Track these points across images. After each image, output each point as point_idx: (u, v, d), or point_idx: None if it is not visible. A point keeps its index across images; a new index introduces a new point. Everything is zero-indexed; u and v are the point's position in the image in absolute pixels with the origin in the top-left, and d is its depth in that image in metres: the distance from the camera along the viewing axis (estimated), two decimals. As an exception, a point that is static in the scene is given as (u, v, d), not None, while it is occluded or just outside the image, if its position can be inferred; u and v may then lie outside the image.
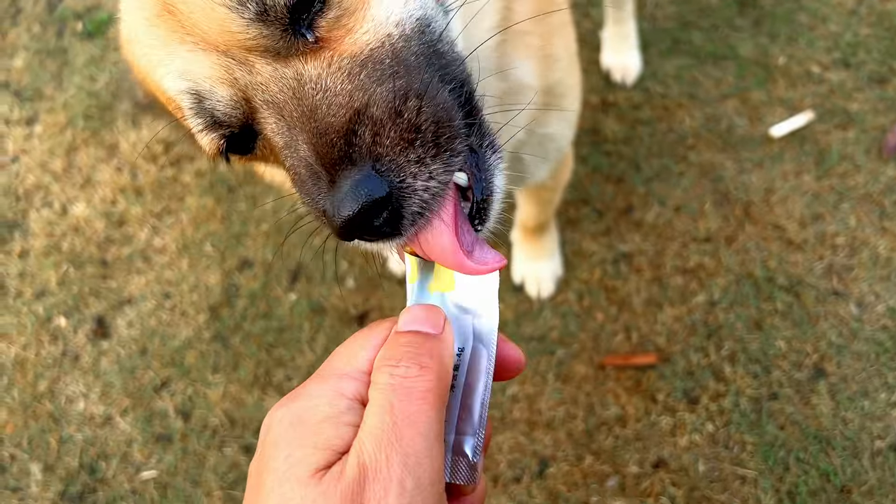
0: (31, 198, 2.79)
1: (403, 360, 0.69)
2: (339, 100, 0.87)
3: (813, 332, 2.33)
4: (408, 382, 0.67)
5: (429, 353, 0.70)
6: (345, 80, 0.88)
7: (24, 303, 2.58)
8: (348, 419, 0.67)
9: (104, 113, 2.95)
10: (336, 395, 0.69)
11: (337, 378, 0.71)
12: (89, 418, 2.37)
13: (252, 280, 2.56)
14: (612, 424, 2.25)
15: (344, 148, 0.83)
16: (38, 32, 3.23)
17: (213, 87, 0.93)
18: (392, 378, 0.67)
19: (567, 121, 1.59)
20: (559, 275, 2.49)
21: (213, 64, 0.92)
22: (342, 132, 0.84)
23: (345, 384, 0.70)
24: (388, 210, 0.80)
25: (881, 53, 2.83)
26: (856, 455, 2.15)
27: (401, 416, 0.64)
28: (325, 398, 0.69)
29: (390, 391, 0.66)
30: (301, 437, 0.66)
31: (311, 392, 0.70)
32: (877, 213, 2.51)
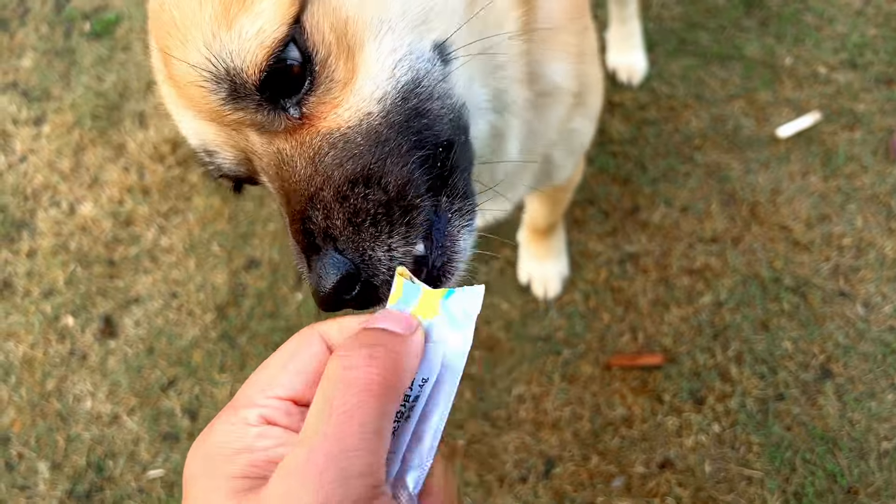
0: (39, 197, 2.80)
1: (354, 349, 0.64)
2: (301, 184, 0.90)
3: (819, 333, 2.33)
4: (352, 373, 0.62)
5: (384, 347, 0.65)
6: (308, 163, 0.90)
7: (32, 302, 2.59)
8: (263, 444, 0.64)
9: (111, 113, 2.97)
10: (242, 426, 0.66)
11: (244, 408, 0.67)
12: (96, 417, 2.38)
13: (259, 280, 2.57)
14: (618, 425, 2.25)
15: (306, 233, 0.88)
16: (46, 33, 3.24)
17: (220, 149, 0.98)
18: (339, 368, 0.63)
19: (590, 117, 1.59)
20: (566, 275, 2.49)
21: (216, 131, 0.96)
22: (301, 217, 0.88)
23: (248, 414, 0.66)
24: (359, 283, 0.84)
25: (888, 54, 2.82)
26: (862, 456, 2.14)
27: (338, 408, 0.60)
28: (233, 432, 0.65)
29: (334, 382, 0.62)
30: (213, 472, 0.63)
31: (219, 427, 0.67)
32: (884, 213, 2.51)
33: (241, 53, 0.86)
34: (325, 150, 0.90)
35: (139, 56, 3.11)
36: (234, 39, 0.86)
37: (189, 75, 0.89)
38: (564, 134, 1.50)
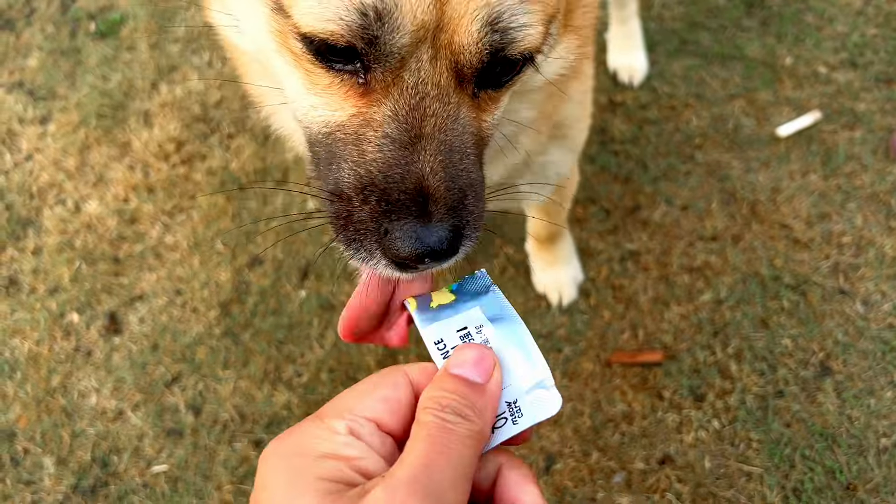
0: (45, 195, 2.82)
1: (449, 407, 0.71)
2: (467, 164, 0.99)
3: (819, 331, 2.34)
4: (450, 425, 0.69)
5: (472, 406, 0.72)
6: (475, 147, 1.02)
7: (38, 299, 2.61)
8: (349, 452, 0.69)
9: (117, 112, 2.99)
10: (330, 432, 0.71)
11: (332, 419, 0.72)
12: (101, 413, 2.40)
13: (262, 277, 2.59)
14: (618, 421, 2.27)
15: (458, 200, 0.96)
16: (52, 32, 3.26)
17: (407, 28, 0.90)
18: (435, 418, 0.70)
19: (569, 149, 1.66)
20: (580, 279, 2.48)
21: (427, 19, 0.91)
22: (460, 190, 0.97)
23: (337, 423, 0.71)
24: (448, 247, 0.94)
25: (888, 54, 2.84)
26: (861, 453, 2.16)
27: (437, 447, 0.67)
28: (320, 436, 0.70)
29: (432, 427, 0.69)
30: (300, 469, 0.67)
31: (305, 430, 0.72)
32: (883, 212, 2.52)
33: None
34: (473, 148, 1.03)
35: (144, 55, 3.13)
36: None
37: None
38: (537, 165, 1.53)
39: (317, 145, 1.07)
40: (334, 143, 1.02)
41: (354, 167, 0.97)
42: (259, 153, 2.84)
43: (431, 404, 0.71)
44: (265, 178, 2.77)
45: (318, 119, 1.04)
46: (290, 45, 1.00)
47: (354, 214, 0.97)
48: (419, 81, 0.95)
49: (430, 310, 0.89)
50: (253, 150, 2.84)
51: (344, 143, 1.00)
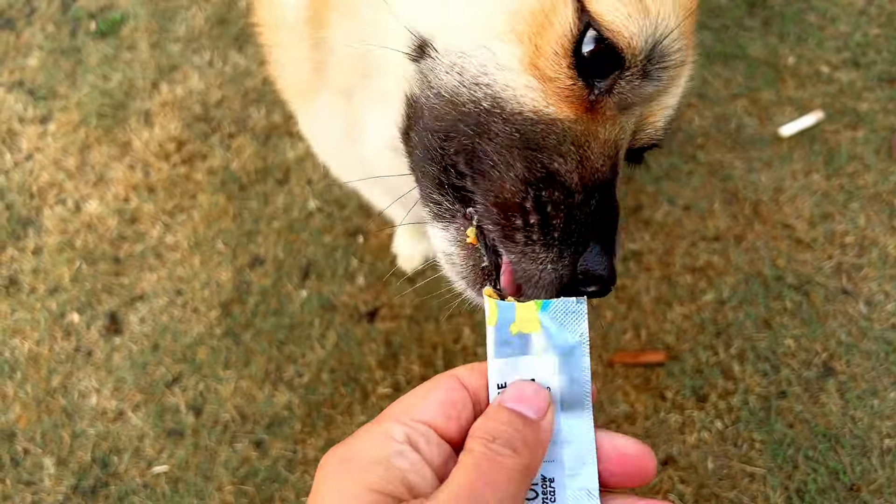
0: (45, 195, 2.82)
1: (499, 440, 0.69)
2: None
3: (822, 331, 2.34)
4: (499, 458, 0.68)
5: (524, 441, 0.70)
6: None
7: (38, 299, 2.61)
8: (400, 463, 0.67)
9: (117, 111, 2.98)
10: (385, 438, 0.69)
11: (388, 422, 0.71)
12: (102, 413, 2.39)
13: (263, 277, 2.58)
14: (620, 422, 2.26)
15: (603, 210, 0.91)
16: (52, 32, 3.26)
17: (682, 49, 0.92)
18: (484, 448, 0.68)
19: None
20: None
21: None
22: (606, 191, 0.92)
23: (395, 429, 0.70)
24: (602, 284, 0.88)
25: (891, 53, 2.83)
26: (865, 453, 2.15)
27: (484, 477, 0.66)
28: (376, 440, 0.69)
29: (481, 457, 0.67)
30: (350, 475, 0.66)
31: (361, 435, 0.71)
32: (886, 212, 2.51)
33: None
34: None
35: (145, 55, 3.12)
36: None
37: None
38: None
39: (484, 118, 0.92)
40: (539, 135, 0.89)
41: (578, 167, 0.89)
42: (260, 153, 2.83)
43: (482, 434, 0.70)
44: (266, 177, 2.76)
45: (528, 101, 0.90)
46: (557, 18, 0.88)
47: (576, 210, 0.87)
48: (624, 128, 0.95)
49: (508, 332, 0.78)
50: (254, 150, 2.83)
51: (559, 140, 0.89)
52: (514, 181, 0.87)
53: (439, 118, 0.95)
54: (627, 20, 0.85)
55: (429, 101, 0.97)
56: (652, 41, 0.88)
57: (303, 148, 2.82)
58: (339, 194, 2.71)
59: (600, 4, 0.85)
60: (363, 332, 2.45)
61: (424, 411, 0.72)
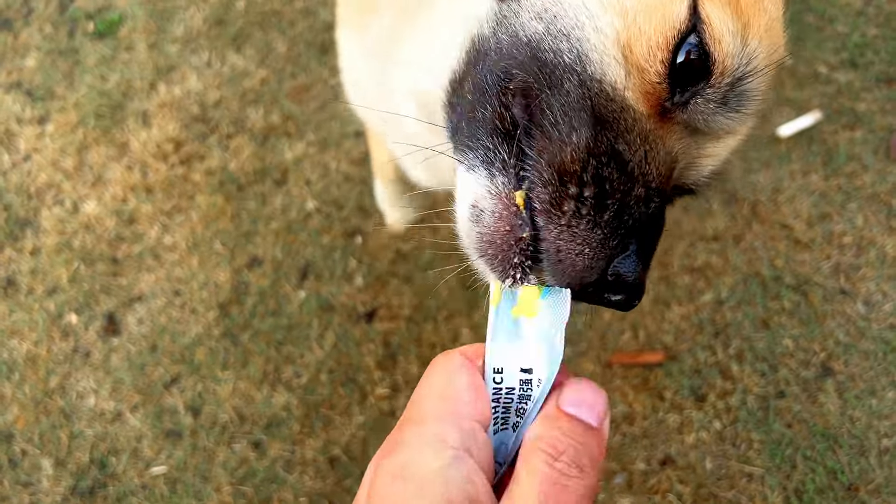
0: (43, 196, 2.81)
1: (566, 454, 0.64)
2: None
3: (820, 331, 2.34)
4: (565, 480, 0.62)
5: (589, 455, 0.65)
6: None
7: (36, 300, 2.60)
8: (456, 473, 0.61)
9: (115, 112, 2.98)
10: (439, 443, 0.62)
11: (435, 422, 0.64)
12: (100, 414, 2.39)
13: (261, 278, 2.58)
14: (619, 422, 2.26)
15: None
16: (50, 32, 3.25)
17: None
18: (549, 469, 0.62)
19: None
20: None
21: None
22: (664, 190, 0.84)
23: (447, 431, 0.63)
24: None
25: (889, 54, 2.83)
26: (863, 453, 2.15)
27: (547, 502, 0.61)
28: (428, 448, 0.62)
29: (546, 481, 0.62)
30: (406, 495, 0.60)
31: (410, 441, 0.64)
32: (884, 212, 2.52)
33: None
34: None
35: (142, 55, 3.12)
36: None
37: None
38: None
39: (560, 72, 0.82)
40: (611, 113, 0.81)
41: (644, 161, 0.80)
42: (258, 153, 2.83)
43: (545, 446, 0.64)
44: (264, 178, 2.76)
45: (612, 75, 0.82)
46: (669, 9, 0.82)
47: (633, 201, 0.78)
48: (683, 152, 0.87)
49: (509, 315, 0.75)
50: (252, 151, 2.83)
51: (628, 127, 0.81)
52: (577, 146, 0.77)
53: (509, 56, 0.85)
54: (731, 37, 0.82)
55: (499, 43, 0.86)
56: (743, 68, 0.83)
57: (300, 149, 2.82)
58: (338, 195, 2.71)
59: (713, 12, 0.81)
60: (361, 332, 2.45)
61: (464, 404, 0.66)
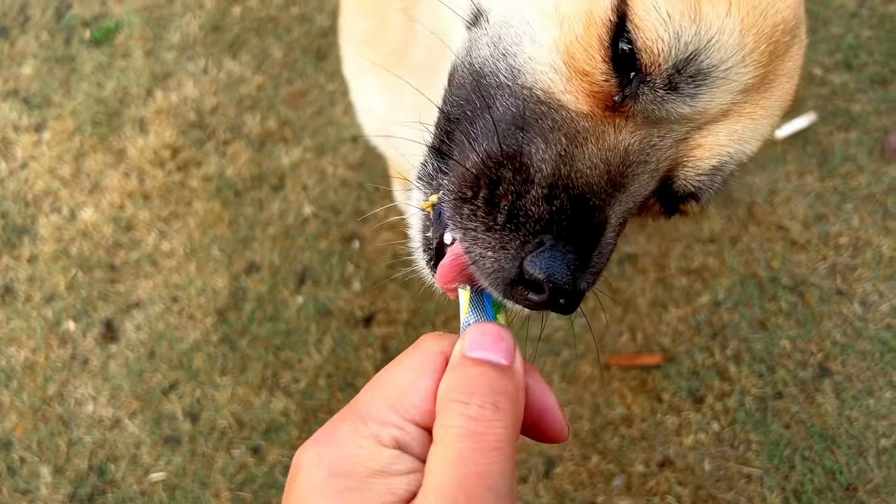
0: (40, 203, 2.81)
1: (476, 396, 0.60)
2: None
3: (817, 332, 2.34)
4: (481, 427, 0.58)
5: (504, 391, 0.61)
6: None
7: (34, 307, 2.60)
8: (398, 468, 0.59)
9: (112, 119, 2.98)
10: (376, 444, 0.61)
11: (377, 425, 0.62)
12: (98, 421, 2.39)
13: (259, 283, 2.58)
14: (617, 424, 2.26)
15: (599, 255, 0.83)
16: (47, 40, 3.26)
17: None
18: (462, 419, 0.59)
19: None
20: None
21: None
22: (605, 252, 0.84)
23: (384, 432, 0.62)
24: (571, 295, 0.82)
25: (883, 55, 2.84)
26: (861, 453, 2.15)
27: (471, 468, 0.56)
28: (365, 448, 0.60)
29: (460, 437, 0.58)
30: (347, 494, 0.58)
31: (349, 438, 0.62)
32: (880, 213, 2.52)
33: None
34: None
35: (139, 62, 3.13)
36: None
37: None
38: None
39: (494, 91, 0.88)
40: (536, 116, 0.84)
41: (558, 159, 0.81)
42: (255, 159, 2.83)
43: (455, 395, 0.61)
44: (261, 184, 2.76)
45: (544, 81, 0.85)
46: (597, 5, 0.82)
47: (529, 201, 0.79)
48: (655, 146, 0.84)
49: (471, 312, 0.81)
50: (249, 156, 2.84)
51: (552, 126, 0.83)
52: (482, 154, 0.82)
53: (460, 87, 0.91)
54: (663, 23, 0.78)
55: (461, 74, 0.93)
56: (686, 51, 0.79)
57: (297, 154, 2.82)
58: (335, 199, 2.71)
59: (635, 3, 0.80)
60: (360, 337, 2.45)
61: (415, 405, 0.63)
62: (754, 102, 0.86)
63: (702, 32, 0.78)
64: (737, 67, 0.80)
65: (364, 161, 2.78)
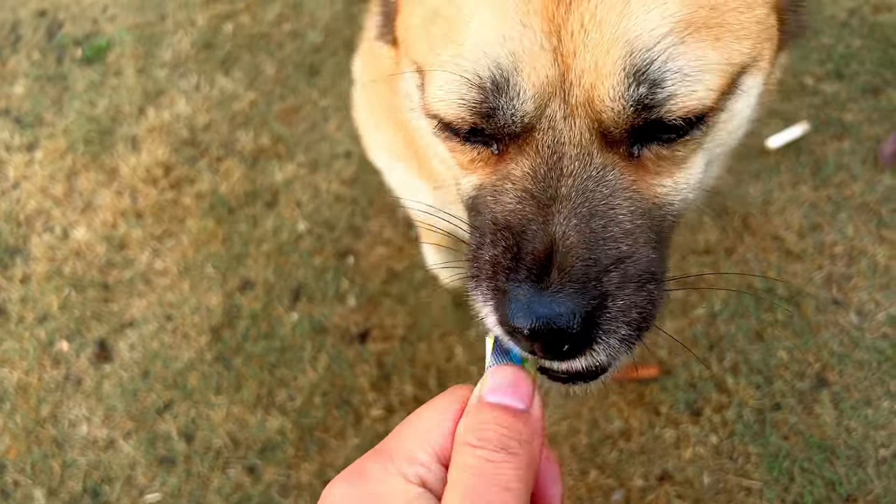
0: (33, 223, 2.80)
1: (490, 441, 0.63)
2: (616, 233, 0.86)
3: (814, 342, 2.33)
4: (492, 468, 0.61)
5: (517, 436, 0.64)
6: (632, 215, 0.88)
7: (27, 328, 2.58)
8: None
9: (104, 137, 2.97)
10: (404, 482, 0.63)
11: (405, 462, 0.65)
12: (92, 442, 2.37)
13: (253, 301, 2.56)
14: (616, 438, 2.25)
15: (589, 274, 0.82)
16: (38, 59, 3.25)
17: (527, 93, 0.85)
18: (476, 460, 0.62)
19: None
20: None
21: (548, 77, 0.84)
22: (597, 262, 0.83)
23: (411, 470, 0.64)
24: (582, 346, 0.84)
25: (873, 64, 2.85)
26: (860, 464, 2.14)
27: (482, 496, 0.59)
28: (395, 485, 0.63)
29: (473, 475, 0.61)
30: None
31: (377, 475, 0.64)
32: (874, 221, 2.52)
33: None
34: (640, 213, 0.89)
35: (131, 80, 3.12)
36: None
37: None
38: None
39: (470, 210, 1.03)
40: (479, 203, 0.98)
41: (493, 213, 0.91)
42: (248, 176, 2.82)
43: (470, 438, 0.63)
44: (254, 200, 2.76)
45: (468, 187, 1.02)
46: (432, 122, 0.99)
47: (483, 253, 0.89)
48: (555, 141, 0.87)
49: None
50: (242, 173, 2.83)
51: (484, 200, 0.96)
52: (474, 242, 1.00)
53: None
54: (443, 107, 0.92)
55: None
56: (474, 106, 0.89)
57: (291, 170, 2.81)
58: (329, 215, 2.70)
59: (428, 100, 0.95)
60: (355, 353, 2.44)
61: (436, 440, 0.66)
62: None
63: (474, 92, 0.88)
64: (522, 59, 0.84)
65: (358, 176, 2.77)
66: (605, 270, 0.83)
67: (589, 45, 0.81)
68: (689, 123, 0.87)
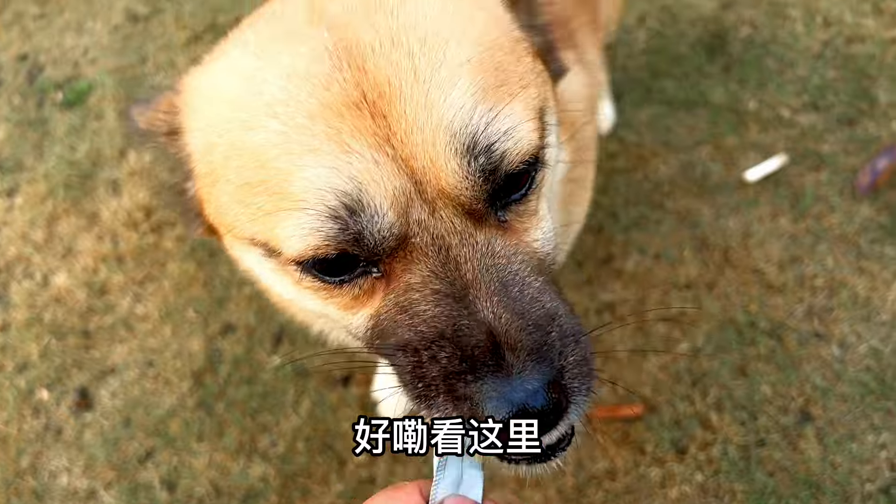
0: (13, 269, 2.78)
1: None
2: (532, 292, 0.90)
3: (797, 376, 2.33)
4: None
5: None
6: (533, 273, 0.93)
7: (6, 377, 2.56)
8: None
9: (85, 182, 2.97)
10: None
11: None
12: (73, 493, 2.34)
13: (235, 344, 2.55)
14: (601, 479, 2.23)
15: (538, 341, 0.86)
16: (19, 104, 3.25)
17: (383, 207, 0.88)
18: None
19: (583, 205, 1.67)
20: None
21: (398, 185, 0.88)
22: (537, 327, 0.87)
23: None
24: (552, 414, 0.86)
25: (848, 95, 2.88)
26: (846, 499, 2.13)
27: None
28: None
29: None
30: None
31: None
32: (853, 253, 2.54)
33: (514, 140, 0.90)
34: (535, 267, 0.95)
35: (112, 123, 3.12)
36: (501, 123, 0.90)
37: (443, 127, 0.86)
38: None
39: (372, 340, 1.03)
40: (384, 328, 0.97)
41: (414, 327, 0.91)
42: (229, 218, 2.81)
43: None
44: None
45: (360, 322, 1.02)
46: (296, 277, 0.99)
47: (425, 370, 0.89)
48: (434, 237, 0.90)
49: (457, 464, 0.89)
50: (223, 215, 2.82)
51: (392, 320, 0.95)
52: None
53: None
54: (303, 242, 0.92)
55: None
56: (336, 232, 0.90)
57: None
58: (310, 257, 2.69)
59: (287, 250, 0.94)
60: (338, 397, 2.42)
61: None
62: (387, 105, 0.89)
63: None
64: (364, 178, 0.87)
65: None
66: (546, 333, 0.87)
67: (418, 144, 0.86)
68: (529, 164, 0.94)
